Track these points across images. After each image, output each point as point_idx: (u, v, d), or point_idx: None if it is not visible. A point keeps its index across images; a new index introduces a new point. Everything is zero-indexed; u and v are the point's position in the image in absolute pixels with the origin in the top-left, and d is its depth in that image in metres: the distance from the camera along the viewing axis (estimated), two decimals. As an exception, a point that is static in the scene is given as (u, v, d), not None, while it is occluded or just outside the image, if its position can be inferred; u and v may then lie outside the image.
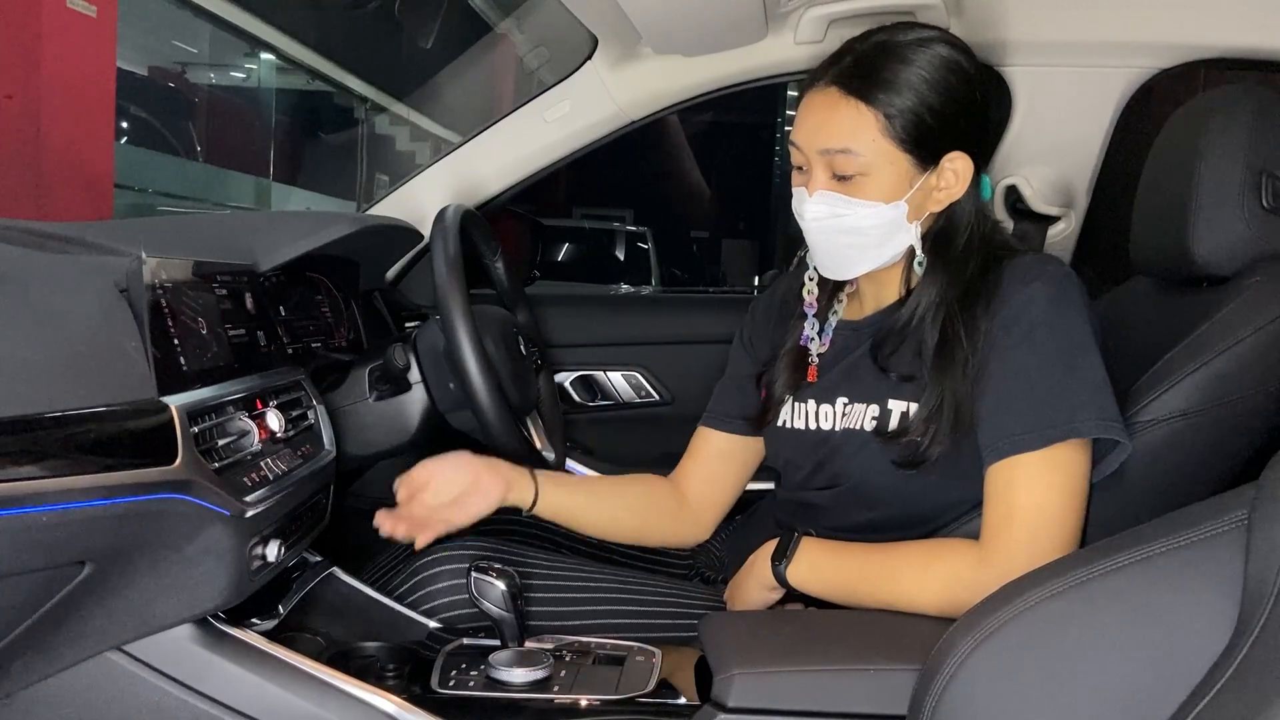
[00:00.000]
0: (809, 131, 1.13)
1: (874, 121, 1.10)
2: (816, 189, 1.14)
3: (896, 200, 1.12)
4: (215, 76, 7.99)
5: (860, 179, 1.11)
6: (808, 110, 1.14)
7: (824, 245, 1.17)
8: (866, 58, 1.12)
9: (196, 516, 0.92)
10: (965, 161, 1.13)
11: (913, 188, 1.12)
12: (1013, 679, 0.79)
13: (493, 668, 1.07)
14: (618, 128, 1.80)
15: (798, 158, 1.16)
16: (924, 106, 1.10)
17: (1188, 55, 1.54)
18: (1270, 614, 0.68)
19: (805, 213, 1.15)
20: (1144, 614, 0.76)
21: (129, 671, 0.96)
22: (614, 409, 1.95)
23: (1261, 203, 1.07)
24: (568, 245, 7.33)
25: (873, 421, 1.16)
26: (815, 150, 1.13)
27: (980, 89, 1.15)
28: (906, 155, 1.11)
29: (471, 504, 1.20)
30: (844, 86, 1.11)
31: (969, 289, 1.12)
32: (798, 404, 1.26)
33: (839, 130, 1.11)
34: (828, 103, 1.12)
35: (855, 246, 1.15)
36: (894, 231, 1.14)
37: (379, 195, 1.93)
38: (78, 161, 3.03)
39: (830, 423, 1.22)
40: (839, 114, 1.11)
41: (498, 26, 2.98)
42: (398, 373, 1.41)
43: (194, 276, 1.07)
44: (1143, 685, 0.74)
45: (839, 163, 1.11)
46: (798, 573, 1.14)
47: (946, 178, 1.14)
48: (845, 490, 1.20)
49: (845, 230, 1.14)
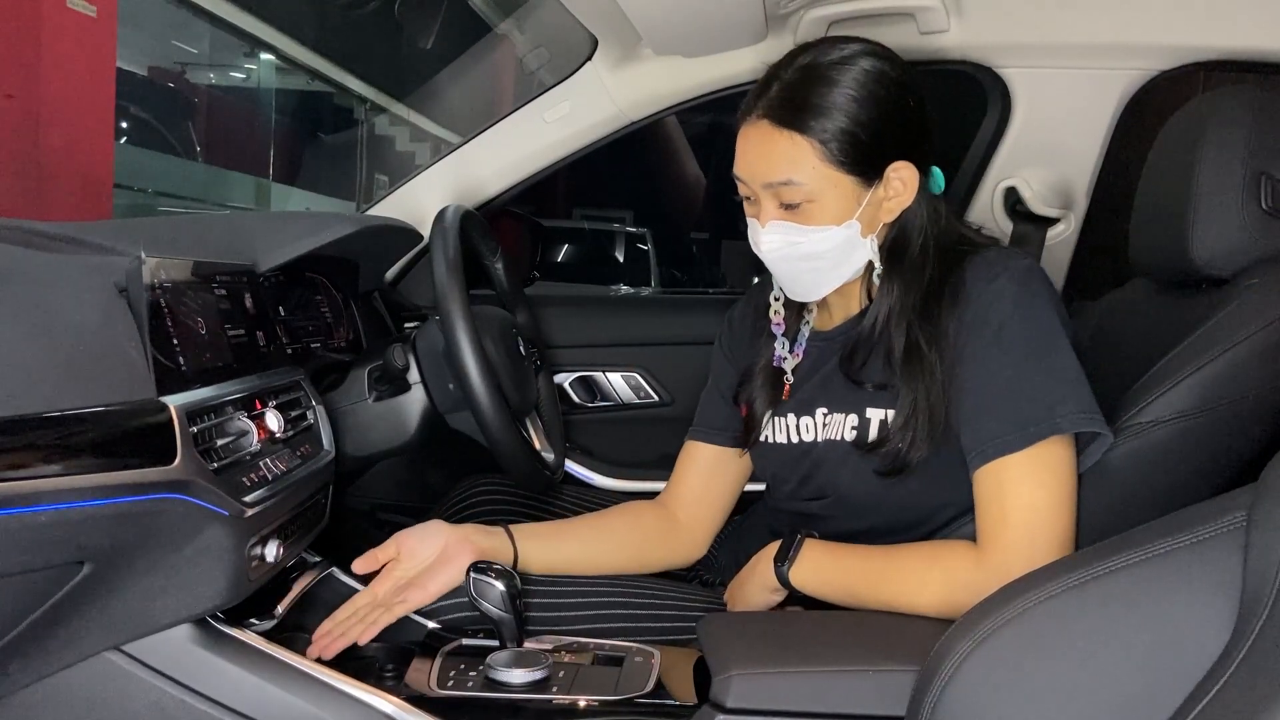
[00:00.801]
0: (749, 166, 1.14)
1: (810, 150, 1.10)
2: (768, 220, 1.14)
3: (848, 220, 1.13)
4: (215, 77, 7.99)
5: (808, 205, 1.12)
6: (745, 144, 1.14)
7: (785, 272, 1.18)
8: (793, 86, 1.11)
9: (195, 516, 0.92)
10: (909, 169, 1.13)
11: (861, 205, 1.13)
12: (1011, 680, 0.79)
13: (491, 668, 1.07)
14: (618, 129, 1.80)
15: (744, 189, 1.17)
16: (857, 125, 1.10)
17: (1187, 57, 1.54)
18: (1269, 615, 0.68)
19: (761, 243, 1.16)
20: (1143, 615, 0.76)
21: (127, 671, 0.96)
22: (613, 410, 1.95)
23: (1260, 205, 1.07)
24: (567, 246, 7.32)
25: (852, 431, 1.17)
26: (759, 184, 1.13)
27: (912, 94, 1.14)
28: (849, 176, 1.11)
29: (433, 582, 1.16)
30: (775, 119, 1.11)
31: (929, 292, 1.13)
32: (777, 418, 1.26)
33: (778, 163, 1.11)
34: (762, 136, 1.12)
35: (815, 270, 1.16)
36: (851, 250, 1.15)
37: (378, 196, 1.93)
38: (77, 161, 3.03)
39: (812, 434, 1.22)
40: (775, 147, 1.11)
41: (498, 27, 2.98)
42: (397, 373, 1.41)
43: (193, 277, 1.07)
44: (1141, 687, 0.74)
45: (784, 194, 1.12)
46: (800, 574, 1.14)
47: (894, 187, 1.14)
48: (833, 501, 1.21)
49: (802, 256, 1.15)
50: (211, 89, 7.83)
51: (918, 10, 1.54)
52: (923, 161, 1.16)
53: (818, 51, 1.13)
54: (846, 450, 1.17)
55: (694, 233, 9.63)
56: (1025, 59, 1.60)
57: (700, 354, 1.94)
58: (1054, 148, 1.63)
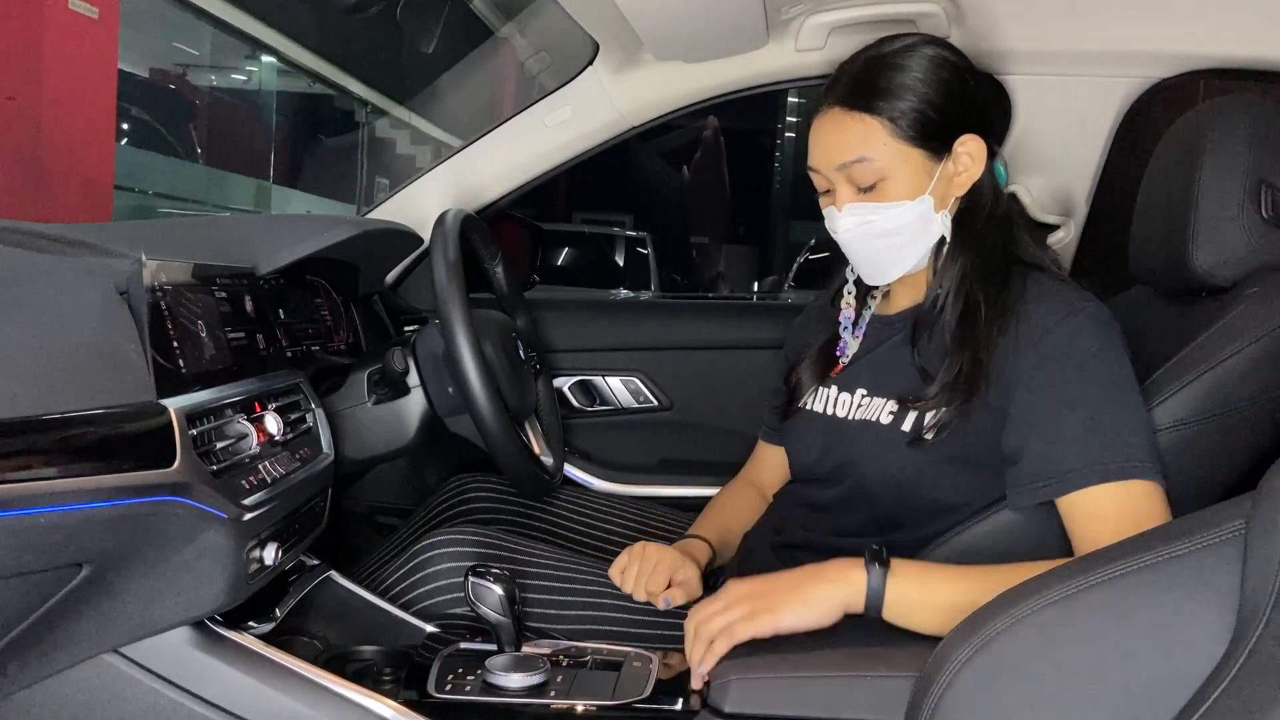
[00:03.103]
0: (823, 152, 1.19)
1: (880, 127, 1.14)
2: (844, 203, 1.18)
3: (921, 195, 1.16)
4: (216, 79, 8.00)
5: (882, 184, 1.15)
6: (817, 134, 1.19)
7: (863, 252, 1.21)
8: (861, 74, 1.17)
9: (194, 519, 0.92)
10: (977, 143, 1.18)
11: (933, 179, 1.17)
12: (1009, 687, 0.79)
13: (489, 672, 1.07)
14: (618, 133, 1.81)
15: (820, 181, 1.21)
16: (924, 103, 1.14)
17: (1187, 65, 1.55)
18: (1266, 624, 0.68)
19: (838, 226, 1.19)
20: (1140, 623, 0.76)
21: (126, 674, 0.96)
22: (613, 414, 1.95)
23: (1261, 213, 1.07)
24: (567, 250, 7.33)
25: (890, 416, 1.18)
26: (832, 168, 1.17)
27: (972, 76, 1.20)
28: (919, 150, 1.15)
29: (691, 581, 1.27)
30: (845, 104, 1.16)
31: (990, 259, 1.17)
32: (821, 389, 1.30)
33: (850, 143, 1.15)
34: (834, 123, 1.17)
35: (892, 247, 1.19)
36: (925, 224, 1.18)
37: (379, 199, 1.93)
38: (78, 163, 3.04)
39: (846, 411, 1.24)
40: (847, 129, 1.16)
41: (499, 31, 2.99)
42: (396, 376, 1.41)
43: (194, 279, 1.07)
44: (1138, 694, 0.74)
45: (858, 174, 1.16)
46: (899, 586, 1.02)
47: (962, 161, 1.18)
48: (851, 485, 1.21)
49: (879, 234, 1.18)
50: (212, 91, 7.84)
51: (919, 16, 1.54)
52: (990, 137, 1.20)
53: (882, 45, 1.19)
54: (881, 430, 1.18)
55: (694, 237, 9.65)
56: (1025, 66, 1.60)
57: (700, 358, 1.95)
58: (1054, 154, 1.63)
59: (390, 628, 1.23)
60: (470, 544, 1.28)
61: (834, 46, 1.63)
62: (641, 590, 1.24)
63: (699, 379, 1.94)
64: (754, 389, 1.78)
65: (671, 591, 1.24)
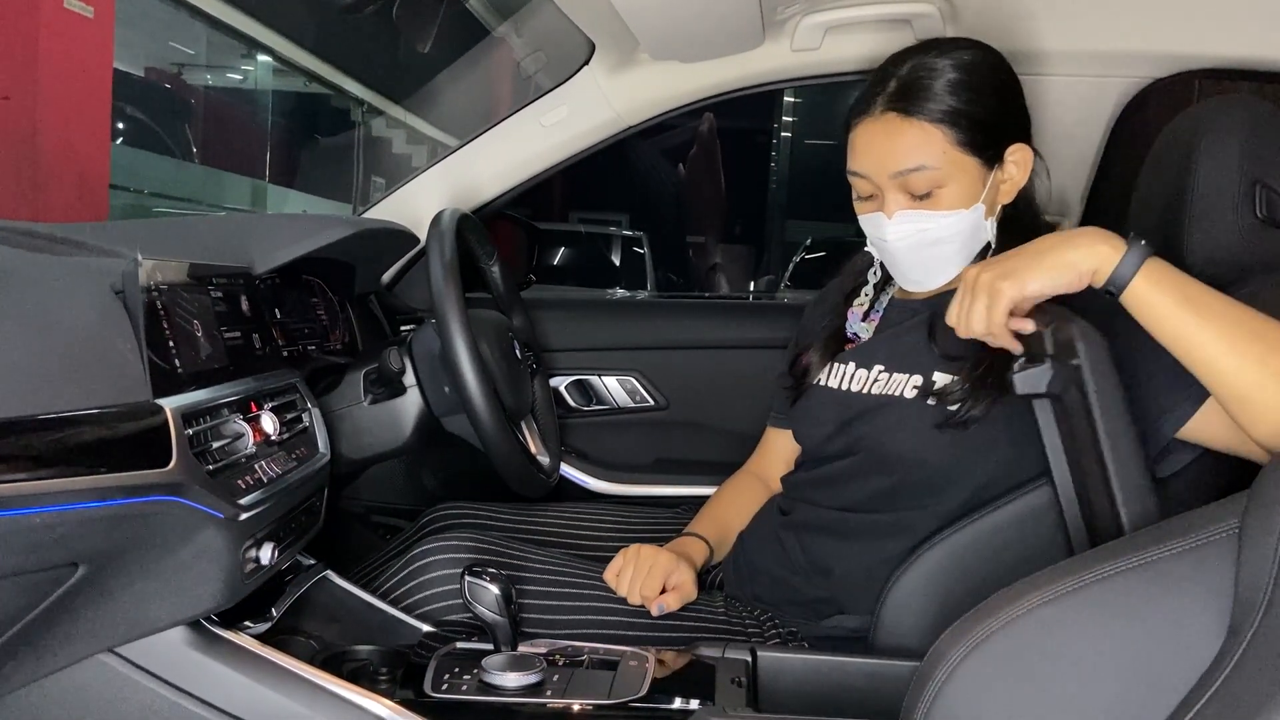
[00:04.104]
0: (875, 159, 1.17)
1: (939, 135, 1.14)
2: (895, 210, 1.17)
3: (975, 204, 1.16)
4: (212, 78, 7.99)
5: (938, 192, 1.15)
6: (868, 140, 1.17)
7: (910, 260, 1.21)
8: (914, 79, 1.16)
9: (190, 519, 0.92)
10: (1025, 151, 1.19)
11: (985, 187, 1.17)
12: (1004, 686, 0.79)
13: (486, 672, 1.07)
14: (615, 133, 1.80)
15: (863, 186, 1.20)
16: (980, 109, 1.15)
17: (1182, 65, 1.55)
18: (1261, 622, 0.69)
19: (888, 235, 1.18)
20: (1136, 621, 0.76)
21: (121, 674, 0.96)
22: (609, 414, 1.95)
23: (1255, 213, 1.07)
24: (563, 249, 7.33)
25: (914, 390, 1.19)
26: (886, 175, 1.16)
27: (1016, 81, 1.21)
28: (974, 159, 1.16)
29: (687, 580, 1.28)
30: (901, 110, 1.15)
31: None
32: (836, 364, 1.30)
33: (909, 151, 1.14)
34: (889, 128, 1.15)
35: (941, 257, 1.19)
36: (975, 233, 1.18)
37: (375, 198, 1.93)
38: (74, 162, 3.03)
39: (862, 386, 1.25)
40: (905, 136, 1.14)
41: (495, 30, 2.98)
42: (393, 376, 1.41)
43: (189, 279, 1.07)
44: (1134, 693, 0.74)
45: (913, 182, 1.15)
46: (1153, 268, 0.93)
47: (1010, 170, 1.19)
48: (867, 457, 1.22)
49: (930, 243, 1.18)
50: (208, 90, 7.83)
51: (914, 17, 1.54)
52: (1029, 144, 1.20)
53: (927, 50, 1.19)
54: (904, 406, 1.19)
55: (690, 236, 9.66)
56: (1021, 65, 1.59)
57: (697, 358, 1.95)
58: (1049, 154, 1.63)
59: (387, 627, 1.23)
60: (467, 550, 1.27)
61: (829, 47, 1.64)
62: (636, 594, 1.24)
63: (695, 378, 1.94)
64: (750, 388, 1.78)
65: (666, 597, 1.24)
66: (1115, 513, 0.94)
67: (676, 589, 1.26)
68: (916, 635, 1.16)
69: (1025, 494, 1.14)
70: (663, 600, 1.24)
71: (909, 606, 1.18)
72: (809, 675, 1.14)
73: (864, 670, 1.15)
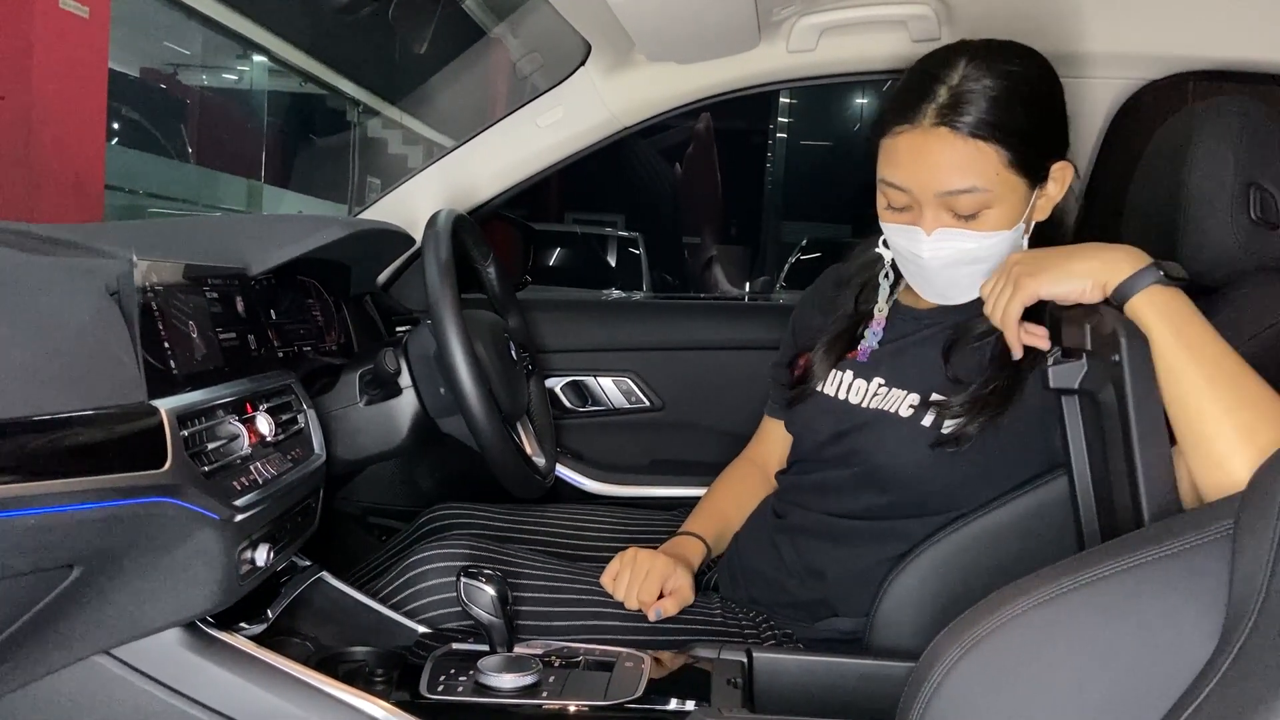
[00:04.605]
0: (923, 176, 1.10)
1: (995, 156, 1.08)
2: (935, 228, 1.12)
3: (1017, 224, 1.13)
4: (207, 78, 7.99)
5: (984, 213, 1.10)
6: (915, 154, 1.10)
7: (943, 278, 1.16)
8: (966, 91, 1.09)
9: (185, 520, 0.92)
10: (1068, 169, 1.15)
11: (1029, 206, 1.13)
12: (999, 687, 0.79)
13: (481, 673, 1.07)
14: (611, 134, 1.81)
15: (899, 199, 1.14)
16: (1035, 127, 1.10)
17: (1176, 67, 1.55)
18: (1254, 624, 0.69)
19: (923, 251, 1.13)
20: (1130, 623, 0.76)
21: (117, 676, 0.96)
22: (604, 415, 1.95)
23: (1249, 214, 1.08)
24: (559, 250, 7.32)
25: (910, 409, 1.18)
26: (931, 193, 1.10)
27: (1062, 92, 1.16)
28: (1024, 179, 1.11)
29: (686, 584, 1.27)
30: (956, 127, 1.08)
31: None
32: (836, 371, 1.28)
33: (961, 171, 1.08)
34: (941, 144, 1.09)
35: (975, 274, 1.15)
36: (1011, 251, 1.14)
37: (371, 199, 1.93)
38: (69, 163, 3.02)
39: (860, 398, 1.24)
40: (957, 155, 1.08)
41: (491, 31, 2.98)
42: (388, 377, 1.41)
43: (185, 280, 1.07)
44: (1128, 694, 0.74)
45: (961, 203, 1.10)
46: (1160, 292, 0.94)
47: (1050, 187, 1.15)
48: (861, 471, 1.21)
49: (967, 261, 1.13)
50: (204, 91, 7.82)
51: (910, 18, 1.55)
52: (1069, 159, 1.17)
53: (973, 54, 1.12)
54: (899, 424, 1.18)
55: (686, 237, 9.67)
56: (1016, 67, 1.61)
57: (692, 359, 1.95)
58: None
59: (382, 629, 1.22)
60: (462, 557, 1.27)
61: (825, 48, 1.64)
62: (633, 599, 1.24)
63: (691, 379, 1.94)
64: (746, 389, 1.78)
65: (663, 603, 1.24)
66: (1137, 510, 0.95)
67: (674, 593, 1.25)
68: (911, 637, 1.17)
69: (1019, 496, 1.14)
70: (660, 605, 1.24)
71: (903, 608, 1.18)
72: (805, 676, 1.14)
73: (859, 671, 1.15)
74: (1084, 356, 0.97)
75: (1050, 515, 1.12)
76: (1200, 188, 1.09)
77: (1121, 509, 0.97)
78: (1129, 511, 0.95)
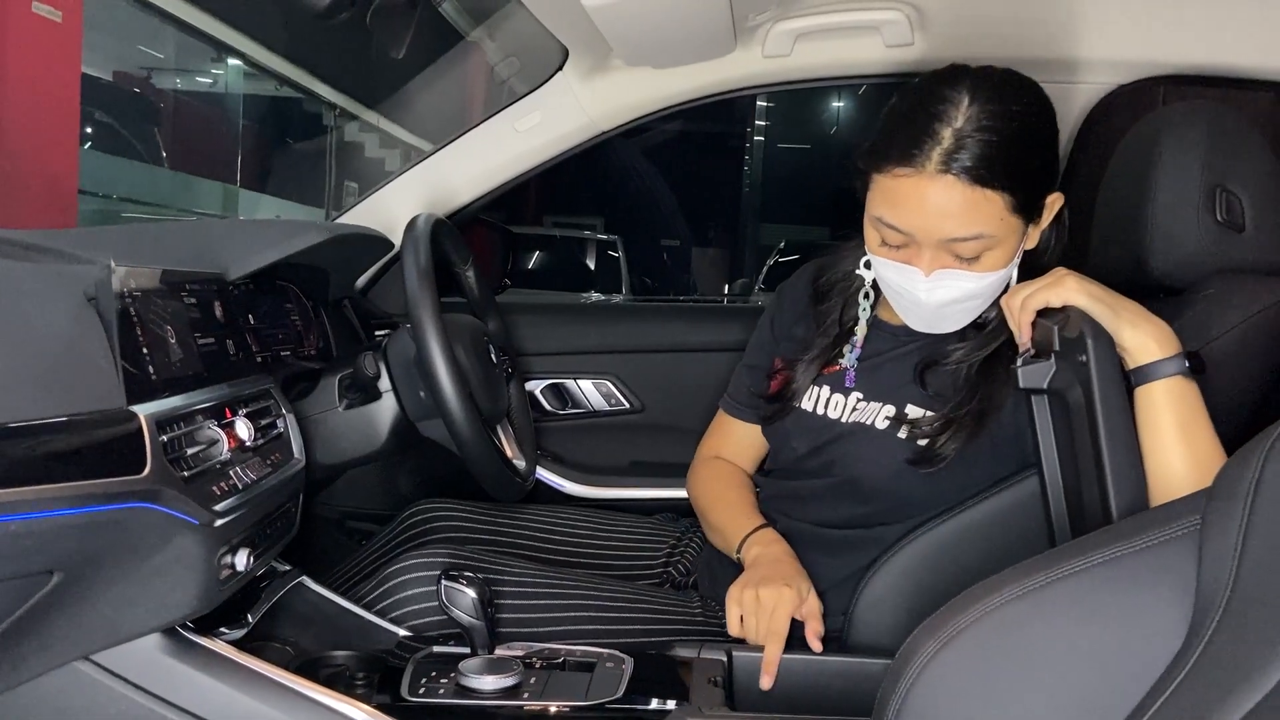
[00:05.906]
0: (928, 223, 1.08)
1: (1001, 202, 1.07)
2: (934, 269, 1.10)
3: (1013, 260, 1.13)
4: (181, 82, 7.93)
5: (986, 255, 1.10)
6: (918, 199, 1.07)
7: (937, 314, 1.15)
8: (972, 138, 1.05)
9: (165, 525, 0.92)
10: (1059, 198, 1.16)
11: (1023, 241, 1.14)
12: (976, 681, 0.80)
13: (463, 675, 1.08)
14: (588, 138, 1.81)
15: (896, 238, 1.11)
16: (1035, 166, 1.10)
17: (1146, 71, 1.58)
18: (1222, 617, 0.70)
19: (919, 289, 1.11)
20: (1102, 617, 0.77)
21: (97, 681, 0.95)
22: (584, 417, 1.96)
23: (1216, 217, 1.10)
24: (539, 254, 7.33)
25: (885, 421, 1.19)
26: (934, 240, 1.09)
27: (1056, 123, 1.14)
28: (1023, 220, 1.11)
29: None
30: (965, 176, 1.05)
31: None
32: (814, 387, 1.28)
33: (969, 221, 1.07)
34: (946, 193, 1.06)
35: (968, 309, 1.15)
36: (1004, 284, 1.15)
37: (348, 203, 1.92)
38: (42, 167, 3.00)
39: (838, 413, 1.25)
40: (966, 204, 1.06)
41: (469, 35, 2.98)
42: (368, 381, 1.41)
43: (163, 285, 1.06)
44: (1101, 687, 0.76)
45: (964, 248, 1.09)
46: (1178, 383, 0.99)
47: (1043, 218, 1.16)
48: (840, 482, 1.22)
49: (964, 298, 1.13)
50: (178, 94, 7.77)
51: (883, 24, 1.56)
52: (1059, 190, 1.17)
53: (981, 92, 1.08)
54: (876, 436, 1.19)
55: (664, 240, 9.69)
56: (988, 72, 1.63)
57: (672, 361, 1.96)
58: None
59: (363, 632, 1.22)
60: (443, 563, 1.27)
61: (800, 53, 1.65)
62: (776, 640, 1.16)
63: (670, 381, 1.94)
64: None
65: (810, 634, 1.17)
66: (1106, 507, 0.97)
67: (809, 616, 1.18)
68: (889, 633, 1.18)
69: (992, 496, 1.16)
70: (810, 635, 1.17)
71: (881, 606, 1.20)
72: (785, 674, 1.15)
73: (839, 669, 1.16)
74: (1052, 357, 0.99)
75: (1022, 513, 1.14)
76: (1167, 190, 1.11)
77: (1091, 506, 0.98)
78: (1098, 508, 0.97)
